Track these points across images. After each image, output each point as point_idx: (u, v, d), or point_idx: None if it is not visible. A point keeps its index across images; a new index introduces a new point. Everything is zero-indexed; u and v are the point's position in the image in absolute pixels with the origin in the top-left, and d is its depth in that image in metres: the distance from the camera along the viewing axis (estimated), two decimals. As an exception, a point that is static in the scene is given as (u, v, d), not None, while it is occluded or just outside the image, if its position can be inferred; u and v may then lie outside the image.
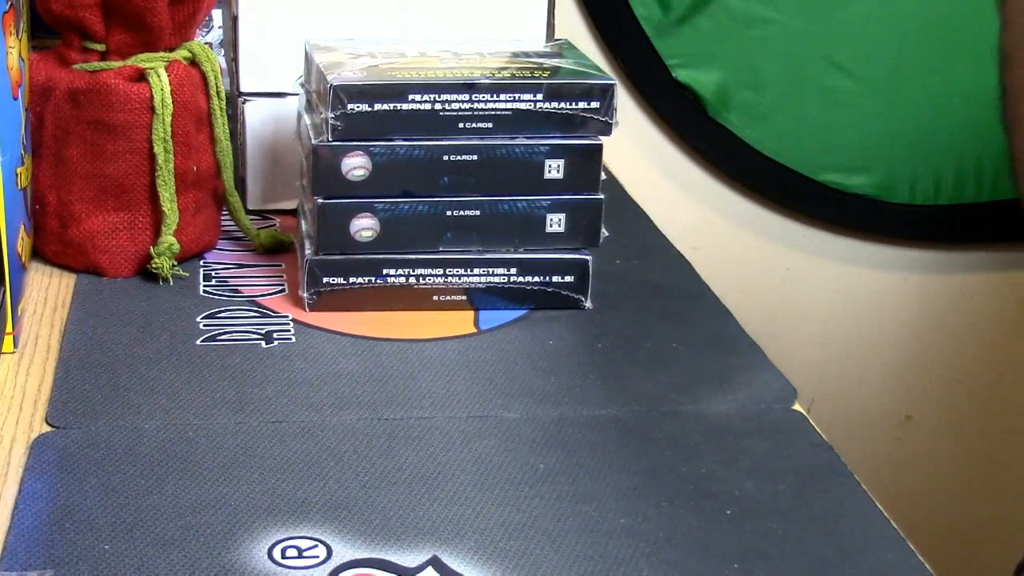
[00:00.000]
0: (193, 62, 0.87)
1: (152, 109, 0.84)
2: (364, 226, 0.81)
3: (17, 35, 0.80)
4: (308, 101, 0.85)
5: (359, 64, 0.81)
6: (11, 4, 0.78)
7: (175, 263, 0.86)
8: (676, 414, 0.73)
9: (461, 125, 0.80)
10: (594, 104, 0.81)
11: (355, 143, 0.80)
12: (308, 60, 0.85)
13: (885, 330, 1.66)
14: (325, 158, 0.80)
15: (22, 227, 0.80)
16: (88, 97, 0.84)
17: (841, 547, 0.61)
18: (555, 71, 0.82)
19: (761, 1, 1.39)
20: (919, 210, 1.48)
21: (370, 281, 0.83)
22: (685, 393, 0.75)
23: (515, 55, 0.86)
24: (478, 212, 0.82)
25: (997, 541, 1.09)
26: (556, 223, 0.83)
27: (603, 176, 0.83)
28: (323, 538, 0.60)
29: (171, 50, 0.87)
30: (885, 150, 1.44)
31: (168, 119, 0.84)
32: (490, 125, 0.81)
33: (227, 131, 0.89)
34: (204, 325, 0.80)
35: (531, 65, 0.83)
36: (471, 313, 0.84)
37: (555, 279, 0.84)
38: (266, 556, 0.58)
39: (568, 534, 0.61)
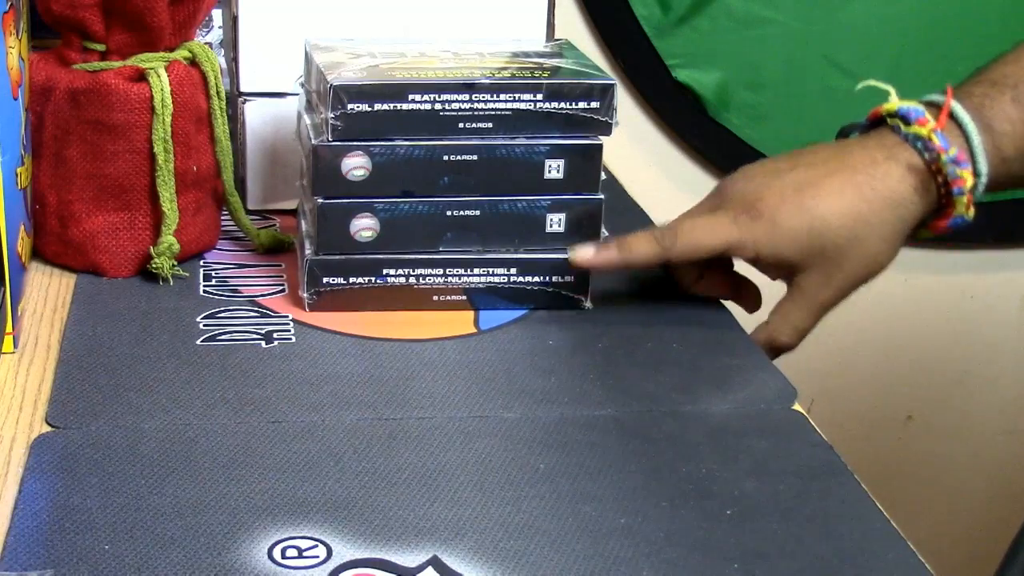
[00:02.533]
0: (193, 62, 0.87)
1: (152, 109, 0.84)
2: (364, 226, 0.81)
3: (17, 35, 0.80)
4: (308, 101, 0.85)
5: (359, 64, 0.81)
6: (11, 4, 0.78)
7: (175, 263, 0.86)
8: (676, 414, 0.73)
9: (461, 125, 0.80)
10: (594, 104, 0.81)
11: (355, 143, 0.80)
12: (308, 60, 0.85)
13: (885, 330, 1.66)
14: (325, 158, 0.80)
15: (22, 227, 0.80)
16: (88, 97, 0.84)
17: (841, 547, 0.61)
18: (555, 71, 0.82)
19: (761, 1, 1.39)
20: (919, 210, 1.47)
21: (370, 281, 0.83)
22: (685, 393, 0.75)
23: (515, 55, 0.86)
24: (478, 212, 0.82)
25: (997, 541, 1.09)
26: (556, 223, 0.83)
27: (603, 176, 0.83)
28: (323, 538, 0.60)
29: (171, 50, 0.87)
30: (885, 150, 1.44)
31: (168, 119, 0.84)
32: (490, 125, 0.81)
33: (227, 131, 0.89)
34: (204, 325, 0.80)
35: (531, 65, 0.83)
36: (471, 313, 0.84)
37: (555, 279, 0.84)
38: (266, 556, 0.58)
39: (568, 534, 0.61)
